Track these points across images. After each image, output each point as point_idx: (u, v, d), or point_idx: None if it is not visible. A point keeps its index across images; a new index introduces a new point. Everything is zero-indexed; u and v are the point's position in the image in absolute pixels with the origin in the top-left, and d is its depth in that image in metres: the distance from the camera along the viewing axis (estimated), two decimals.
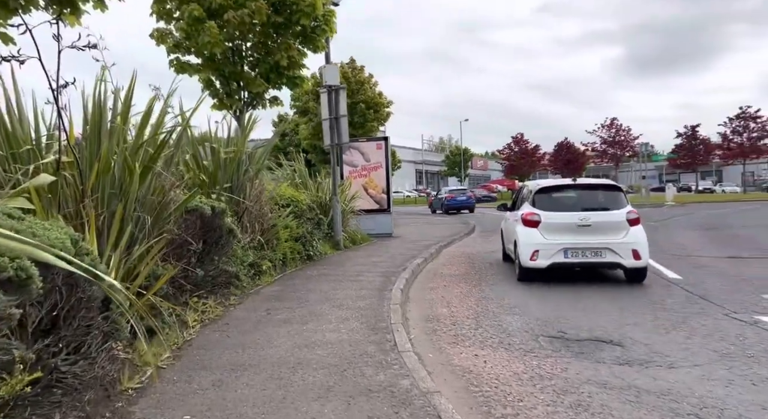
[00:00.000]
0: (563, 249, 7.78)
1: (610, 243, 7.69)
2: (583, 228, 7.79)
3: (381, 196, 15.59)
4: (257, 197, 8.31)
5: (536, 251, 7.86)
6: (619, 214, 7.89)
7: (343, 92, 11.95)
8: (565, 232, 7.87)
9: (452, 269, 9.66)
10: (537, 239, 7.93)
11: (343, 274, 8.38)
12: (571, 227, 7.85)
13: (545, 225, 7.98)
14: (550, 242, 7.85)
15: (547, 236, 7.91)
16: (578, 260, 7.79)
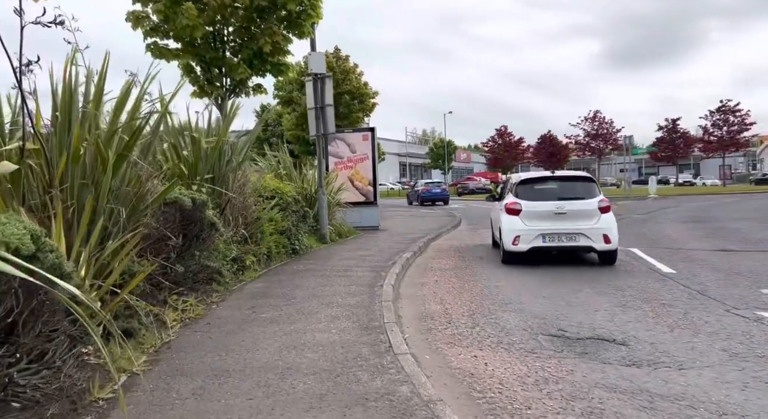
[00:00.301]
0: (541, 234, 8.59)
1: (583, 229, 8.50)
2: (559, 215, 8.61)
3: (367, 188, 15.28)
4: (240, 188, 7.95)
5: (517, 236, 8.68)
6: (592, 203, 8.70)
7: (329, 81, 11.58)
8: (543, 219, 8.68)
9: (442, 262, 9.41)
10: (518, 226, 8.75)
11: (331, 269, 8.07)
12: (548, 215, 8.66)
13: (525, 213, 8.77)
14: (529, 228, 8.66)
15: (527, 223, 8.72)
16: (555, 244, 8.64)
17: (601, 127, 42.75)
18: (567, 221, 8.58)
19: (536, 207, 8.78)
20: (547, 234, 8.59)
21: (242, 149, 8.12)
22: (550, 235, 8.58)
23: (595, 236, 8.44)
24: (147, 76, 5.42)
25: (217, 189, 7.39)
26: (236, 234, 7.51)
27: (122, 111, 5.01)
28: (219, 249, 6.91)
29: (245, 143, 8.19)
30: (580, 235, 8.50)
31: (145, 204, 4.80)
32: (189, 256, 5.86)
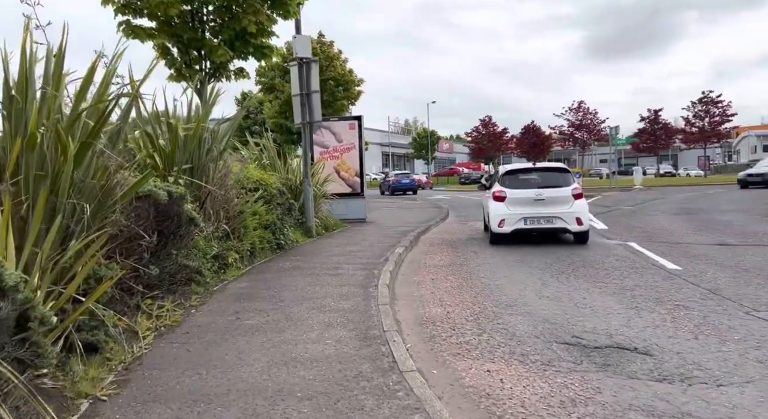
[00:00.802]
0: (523, 218, 9.89)
1: (559, 213, 9.80)
2: (539, 201, 9.87)
3: (354, 179, 14.74)
4: (221, 180, 7.37)
5: (503, 220, 9.97)
6: (567, 190, 9.98)
7: (315, 66, 10.98)
8: (524, 205, 9.95)
9: (435, 258, 8.95)
10: (503, 211, 10.03)
11: (320, 266, 7.56)
12: (529, 201, 9.92)
13: (509, 200, 10.05)
14: (513, 212, 9.94)
15: (511, 209, 9.99)
16: (535, 226, 9.92)
17: (585, 117, 42.67)
18: (545, 206, 9.86)
19: (519, 194, 10.04)
20: (528, 218, 9.88)
21: (223, 137, 7.52)
22: (530, 218, 9.87)
23: (570, 219, 9.77)
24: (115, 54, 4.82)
25: (196, 181, 6.81)
26: (217, 230, 6.94)
27: (86, 92, 4.41)
28: (199, 246, 6.35)
29: (227, 130, 7.60)
30: (557, 218, 9.80)
31: (114, 199, 4.21)
32: (165, 256, 5.30)
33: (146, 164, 6.08)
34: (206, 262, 6.36)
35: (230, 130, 7.70)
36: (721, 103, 41.71)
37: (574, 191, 9.97)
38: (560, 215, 9.79)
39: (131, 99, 4.80)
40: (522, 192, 10.06)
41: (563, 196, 9.89)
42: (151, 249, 4.88)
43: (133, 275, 4.64)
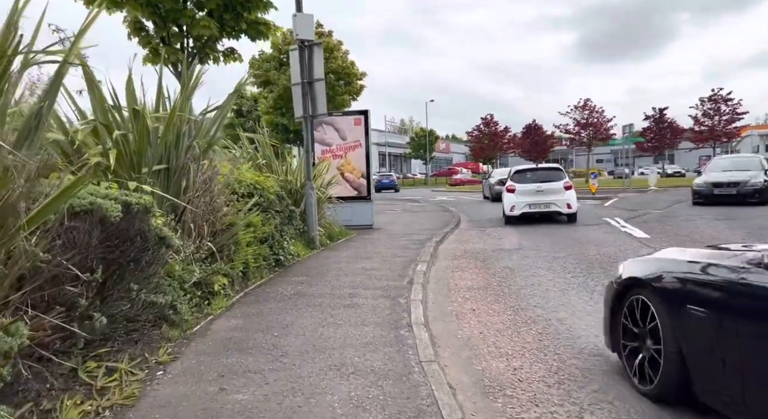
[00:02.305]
0: (528, 204, 13.60)
1: (553, 200, 13.53)
2: (539, 192, 13.61)
3: (360, 181, 13.20)
4: (206, 184, 5.83)
5: (513, 206, 13.74)
6: (560, 183, 13.71)
7: (318, 50, 9.44)
8: (528, 195, 13.65)
9: (466, 277, 7.44)
10: (513, 199, 13.78)
11: (330, 293, 6.02)
12: (532, 192, 13.64)
13: (518, 191, 13.80)
14: (520, 200, 13.66)
15: (519, 198, 13.71)
16: (536, 210, 13.61)
17: (591, 115, 41.29)
18: (543, 195, 13.62)
19: (525, 187, 13.81)
20: (532, 204, 13.62)
21: (209, 130, 5.99)
22: (533, 204, 13.62)
23: (562, 204, 13.54)
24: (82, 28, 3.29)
25: (173, 186, 5.28)
26: (200, 249, 5.40)
27: None
28: (173, 273, 4.81)
29: (214, 121, 6.05)
30: (552, 204, 13.56)
31: (20, 221, 2.67)
32: (120, 294, 3.75)
33: (99, 167, 4.52)
34: (184, 294, 4.82)
35: (218, 121, 6.15)
36: (731, 100, 40.48)
37: (565, 184, 13.76)
38: (555, 201, 13.56)
39: (59, 70, 3.25)
40: (527, 186, 13.84)
41: (557, 188, 13.69)
42: (94, 288, 3.33)
43: (66, 329, 3.10)
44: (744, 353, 2.56)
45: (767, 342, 2.44)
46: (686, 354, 2.98)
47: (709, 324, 2.79)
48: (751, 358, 2.52)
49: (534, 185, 13.72)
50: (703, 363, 2.87)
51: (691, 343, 2.96)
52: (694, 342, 2.94)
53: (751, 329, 2.54)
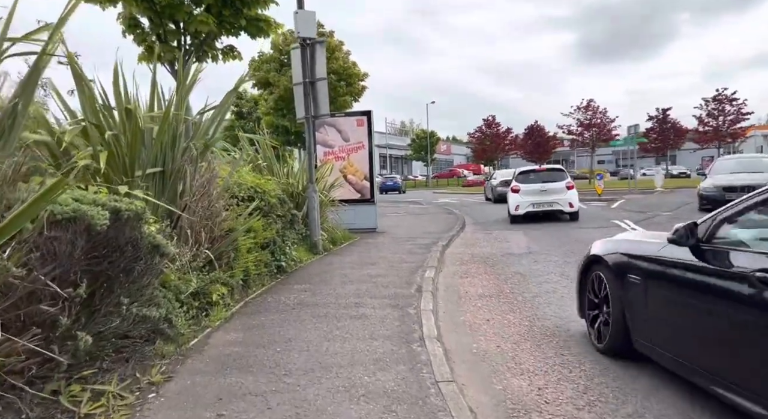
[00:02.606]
0: (532, 203, 14.23)
1: (556, 199, 14.23)
2: (542, 192, 14.26)
3: (363, 183, 12.90)
4: (204, 188, 5.52)
5: (518, 205, 14.35)
6: (562, 184, 14.41)
7: (321, 48, 9.14)
8: (532, 194, 14.29)
9: (476, 284, 7.11)
10: (518, 199, 14.39)
11: (335, 302, 5.70)
12: (536, 192, 14.30)
13: (522, 191, 14.44)
14: (524, 200, 14.27)
15: (523, 197, 14.32)
16: (540, 209, 14.27)
17: (594, 116, 40.96)
18: (547, 195, 14.30)
19: (529, 187, 14.53)
20: (535, 203, 14.28)
21: (207, 130, 5.68)
22: (536, 203, 14.28)
23: (564, 203, 14.29)
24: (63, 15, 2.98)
25: (169, 190, 4.97)
26: (197, 257, 5.09)
27: None
28: (168, 284, 4.50)
29: (212, 120, 5.74)
30: (555, 203, 14.29)
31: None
32: (108, 308, 3.44)
33: (88, 170, 4.21)
34: (180, 305, 4.50)
35: (216, 121, 5.84)
36: (736, 100, 40.11)
37: (567, 184, 14.49)
38: (557, 200, 14.30)
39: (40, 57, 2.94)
40: (531, 186, 14.58)
41: (560, 188, 14.41)
42: (78, 305, 3.02)
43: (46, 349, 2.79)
44: (659, 309, 3.48)
45: (674, 300, 3.35)
46: (627, 314, 3.82)
47: (640, 289, 3.63)
48: (663, 313, 3.44)
49: (537, 185, 14.52)
50: (638, 320, 3.71)
51: (630, 305, 3.78)
52: (631, 304, 3.76)
53: (663, 290, 3.47)
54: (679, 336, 3.30)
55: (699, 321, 3.14)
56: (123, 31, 6.73)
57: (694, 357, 3.15)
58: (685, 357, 3.22)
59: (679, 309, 3.30)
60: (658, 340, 3.50)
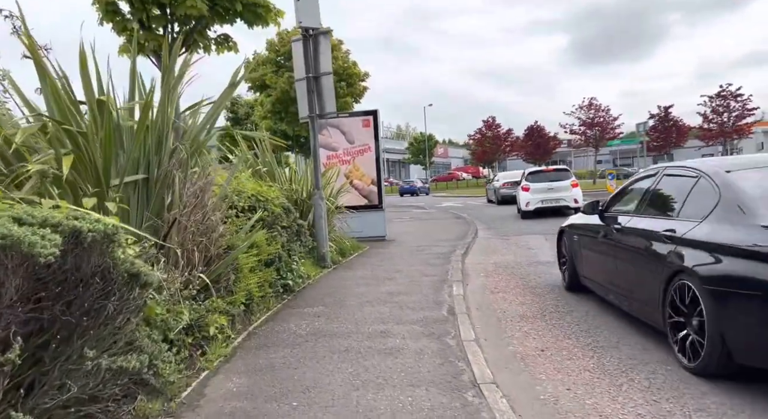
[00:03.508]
0: (540, 200, 15.88)
1: (562, 196, 15.97)
2: (550, 190, 16.02)
3: (370, 188, 12.00)
4: (197, 197, 4.61)
5: (528, 202, 16.05)
6: (567, 182, 16.27)
7: (325, 39, 8.26)
8: (541, 192, 16.01)
9: (511, 301, 6.19)
10: (528, 197, 16.11)
11: (356, 330, 4.78)
12: (543, 190, 16.02)
13: (532, 190, 16.16)
14: (534, 197, 15.97)
15: (532, 195, 16.03)
16: (548, 206, 15.81)
17: (597, 115, 40.20)
18: (554, 192, 15.94)
19: (537, 186, 16.15)
20: (544, 200, 15.78)
21: (200, 130, 4.78)
22: (545, 200, 15.77)
23: (569, 200, 15.76)
24: None
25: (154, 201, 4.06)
26: (190, 282, 4.17)
27: None
28: (154, 319, 3.58)
29: (207, 118, 4.83)
30: (561, 199, 15.81)
31: None
32: (65, 368, 2.52)
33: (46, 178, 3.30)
34: (168, 347, 3.58)
35: (211, 118, 4.92)
36: (741, 96, 39.38)
37: (572, 183, 16.28)
38: (564, 197, 15.84)
39: None
40: (539, 185, 16.23)
41: (565, 186, 16.10)
42: (8, 375, 2.09)
43: None
44: (586, 253, 5.71)
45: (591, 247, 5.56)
46: (575, 261, 6.06)
47: (578, 243, 5.94)
48: (588, 256, 5.66)
49: (545, 183, 16.16)
50: (579, 263, 5.91)
51: (575, 254, 6.03)
52: (576, 253, 6.02)
53: (586, 242, 5.73)
54: (595, 269, 5.48)
55: (601, 258, 5.26)
56: (99, 19, 5.82)
57: (604, 280, 5.25)
58: (599, 281, 5.37)
59: (593, 252, 5.52)
60: (589, 274, 5.71)
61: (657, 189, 4.77)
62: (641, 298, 4.44)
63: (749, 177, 3.97)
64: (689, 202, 4.21)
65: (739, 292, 3.33)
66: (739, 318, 3.34)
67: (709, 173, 4.12)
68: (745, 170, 4.15)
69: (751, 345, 3.33)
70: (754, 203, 3.57)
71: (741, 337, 3.35)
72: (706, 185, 4.05)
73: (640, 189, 5.07)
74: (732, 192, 3.78)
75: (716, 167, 4.26)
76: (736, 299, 3.35)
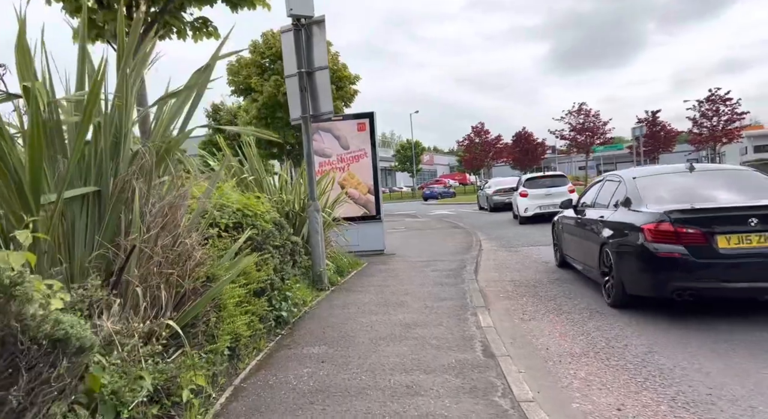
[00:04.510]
0: (538, 206, 16.29)
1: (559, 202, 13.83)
2: (548, 196, 16.36)
3: (366, 197, 10.97)
4: (167, 215, 3.53)
5: (526, 208, 16.49)
6: (564, 188, 16.62)
7: (320, 29, 7.25)
8: (538, 198, 16.47)
9: (549, 331, 5.18)
10: (526, 203, 16.55)
11: (373, 384, 3.72)
12: (541, 196, 16.46)
13: (530, 196, 16.64)
14: (532, 203, 16.45)
15: (530, 201, 16.51)
16: (546, 211, 15.76)
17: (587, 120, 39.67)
18: (551, 198, 15.86)
19: (535, 192, 16.60)
20: (542, 206, 16.10)
21: (169, 126, 3.71)
22: (542, 206, 16.07)
23: None
24: None
25: (107, 222, 3.00)
26: (155, 333, 3.09)
27: None
28: (101, 393, 2.50)
29: (177, 111, 3.75)
30: None
31: None
32: None
33: None
34: None
35: (184, 112, 3.84)
36: (730, 100, 39.16)
37: (568, 188, 16.53)
38: None
39: None
40: (537, 191, 16.55)
41: (562, 192, 15.99)
42: None
43: None
44: (566, 237, 7.88)
45: (569, 232, 7.71)
46: (561, 243, 8.29)
47: (560, 230, 8.27)
48: (567, 238, 7.85)
49: (543, 189, 16.59)
50: (562, 245, 8.18)
51: (559, 238, 8.36)
52: (560, 237, 8.35)
53: (566, 227, 7.92)
54: (572, 247, 7.58)
55: (574, 238, 7.37)
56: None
57: (576, 255, 7.34)
58: (574, 256, 7.48)
59: (572, 237, 7.56)
60: (568, 252, 7.80)
61: (601, 190, 7.01)
62: (591, 264, 6.53)
63: (647, 180, 6.11)
64: (614, 197, 6.29)
65: (627, 251, 5.44)
66: (627, 266, 5.45)
67: (624, 178, 6.33)
68: (646, 176, 6.28)
69: (632, 281, 5.42)
70: (644, 196, 5.66)
71: (628, 277, 5.45)
72: (622, 186, 6.24)
73: (596, 190, 7.27)
74: (633, 190, 5.92)
75: (629, 174, 6.46)
76: (626, 255, 5.46)
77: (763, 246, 4.80)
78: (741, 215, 4.89)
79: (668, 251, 4.96)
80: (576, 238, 7.27)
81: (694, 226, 4.92)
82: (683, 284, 4.96)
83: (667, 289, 5.04)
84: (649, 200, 5.52)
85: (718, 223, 4.93)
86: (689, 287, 4.96)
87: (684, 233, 4.93)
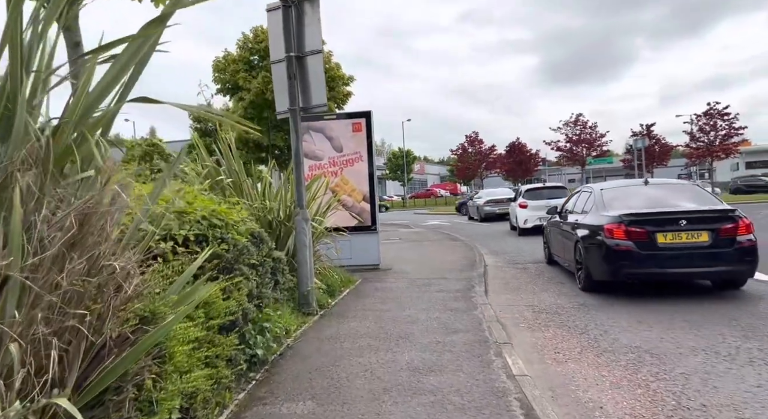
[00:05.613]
0: (538, 218, 15.02)
1: None
2: (546, 207, 13.62)
3: (361, 205, 9.86)
4: (80, 226, 2.37)
5: (526, 220, 16.42)
6: (564, 200, 13.91)
7: (312, 7, 6.16)
8: (539, 209, 15.32)
9: (588, 376, 4.09)
10: (526, 214, 16.48)
11: None
12: (541, 207, 15.01)
13: (530, 207, 16.56)
14: (532, 214, 16.08)
15: (530, 212, 16.31)
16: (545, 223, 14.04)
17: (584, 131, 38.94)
18: None
19: (535, 203, 16.46)
20: (541, 217, 13.78)
21: (99, 96, 2.56)
22: (542, 218, 13.39)
23: None
24: None
25: None
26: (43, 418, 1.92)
27: None
28: None
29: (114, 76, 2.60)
30: None
31: None
32: None
33: None
34: None
35: (122, 82, 2.69)
36: (728, 115, 38.59)
37: None
38: None
39: None
40: (536, 202, 16.31)
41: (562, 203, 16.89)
42: None
43: None
44: (553, 239, 9.51)
45: (555, 234, 9.26)
46: (549, 244, 9.97)
47: (548, 233, 10.07)
48: (553, 240, 9.53)
49: (543, 201, 16.11)
50: (550, 246, 9.85)
51: (548, 240, 10.08)
52: (548, 240, 10.08)
53: (553, 231, 9.55)
54: (557, 248, 8.95)
55: (559, 238, 8.76)
56: None
57: (559, 252, 8.83)
58: (558, 253, 8.96)
59: (556, 238, 9.00)
60: (555, 252, 9.27)
61: (578, 199, 8.51)
62: (569, 258, 8.08)
63: (610, 192, 7.75)
64: (587, 205, 7.88)
65: (593, 246, 6.97)
66: (593, 258, 7.00)
67: (594, 190, 7.99)
68: (610, 188, 7.98)
69: (596, 269, 6.96)
70: (607, 204, 7.31)
71: (594, 266, 7.00)
72: (592, 196, 7.85)
73: (574, 199, 8.79)
74: (599, 199, 7.56)
75: (598, 186, 8.13)
76: (593, 249, 7.00)
77: (690, 241, 6.35)
78: (674, 218, 6.44)
79: (622, 245, 6.48)
80: (559, 238, 8.81)
81: (640, 226, 6.46)
82: (633, 271, 6.51)
83: (621, 274, 6.58)
84: (611, 206, 7.15)
85: (658, 224, 6.44)
86: (637, 273, 6.54)
87: (633, 231, 6.46)
